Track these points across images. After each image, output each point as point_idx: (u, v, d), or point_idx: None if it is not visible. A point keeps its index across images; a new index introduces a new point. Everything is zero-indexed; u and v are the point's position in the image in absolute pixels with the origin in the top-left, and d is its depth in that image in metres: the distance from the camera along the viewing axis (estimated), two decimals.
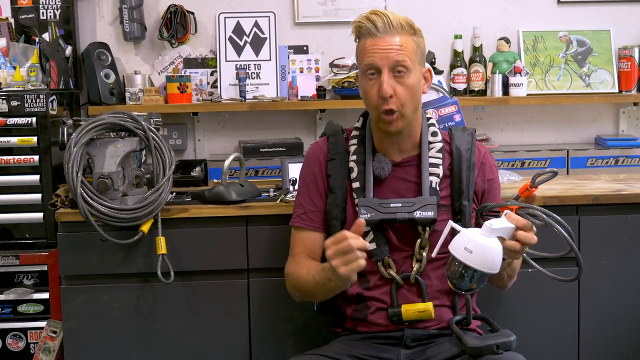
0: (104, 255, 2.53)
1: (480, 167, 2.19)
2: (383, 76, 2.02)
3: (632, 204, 2.67)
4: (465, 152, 2.17)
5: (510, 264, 2.06)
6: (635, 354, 2.71)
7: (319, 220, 2.18)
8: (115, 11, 3.33)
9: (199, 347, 2.59)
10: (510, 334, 2.01)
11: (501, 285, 2.23)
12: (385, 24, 2.03)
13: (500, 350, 1.96)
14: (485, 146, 2.32)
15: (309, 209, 2.19)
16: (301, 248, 2.19)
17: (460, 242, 1.83)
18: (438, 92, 2.83)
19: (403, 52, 2.02)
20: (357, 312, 2.17)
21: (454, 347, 2.06)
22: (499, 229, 1.81)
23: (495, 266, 1.81)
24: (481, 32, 3.39)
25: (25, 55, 3.07)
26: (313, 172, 2.21)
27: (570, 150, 3.31)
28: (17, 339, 2.77)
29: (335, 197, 2.16)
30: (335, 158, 2.18)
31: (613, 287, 2.69)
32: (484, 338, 2.02)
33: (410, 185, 2.14)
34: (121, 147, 2.50)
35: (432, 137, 2.18)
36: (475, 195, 2.17)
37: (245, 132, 3.41)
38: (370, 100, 2.07)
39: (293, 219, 2.23)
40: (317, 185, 2.20)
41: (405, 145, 2.15)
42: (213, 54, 3.38)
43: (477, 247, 1.80)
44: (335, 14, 3.36)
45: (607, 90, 3.42)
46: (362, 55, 2.07)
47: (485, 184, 2.19)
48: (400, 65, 2.02)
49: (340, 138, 2.22)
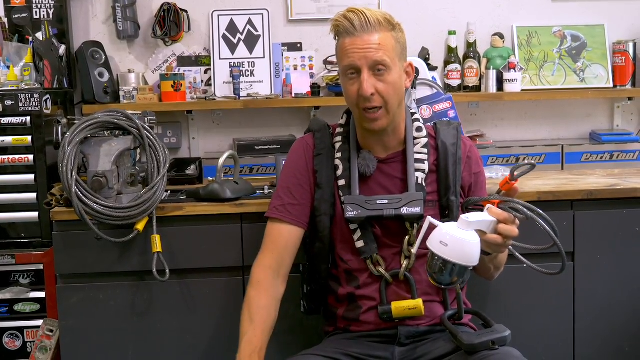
0: (100, 253, 2.53)
1: (466, 161, 2.19)
2: (363, 75, 2.01)
3: (626, 199, 2.67)
4: (451, 147, 2.15)
5: (496, 257, 2.06)
6: (630, 348, 2.71)
7: (297, 214, 2.17)
8: (108, 10, 3.32)
9: (194, 344, 2.60)
10: (505, 329, 2.01)
11: (488, 276, 2.23)
12: (363, 22, 2.00)
13: (496, 346, 1.95)
14: (470, 140, 2.32)
15: (287, 201, 2.18)
16: (273, 246, 2.17)
17: (436, 236, 1.82)
18: (432, 88, 2.83)
19: (382, 50, 2.00)
20: (349, 312, 2.18)
21: (448, 343, 2.05)
22: (476, 222, 1.81)
23: (472, 258, 1.80)
24: (475, 27, 3.39)
25: (18, 54, 3.06)
26: (297, 167, 2.20)
27: (564, 146, 3.31)
28: (13, 338, 2.77)
29: (323, 192, 2.15)
30: (322, 153, 2.18)
31: (608, 281, 2.69)
32: (479, 334, 2.01)
33: (396, 181, 2.14)
34: (115, 145, 2.49)
35: (416, 132, 2.17)
36: (462, 190, 2.17)
37: (240, 130, 3.41)
38: (352, 99, 2.06)
39: (269, 210, 2.20)
40: (300, 180, 2.19)
41: (390, 142, 2.15)
42: (207, 52, 3.37)
43: (453, 240, 1.79)
44: (328, 11, 3.35)
45: (602, 85, 3.42)
46: (341, 55, 2.06)
47: (471, 178, 2.19)
48: (379, 64, 2.01)
49: (326, 133, 2.22)
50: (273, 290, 2.15)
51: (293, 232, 2.17)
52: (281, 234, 2.17)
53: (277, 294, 2.16)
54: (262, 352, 2.04)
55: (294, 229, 2.17)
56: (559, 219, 2.61)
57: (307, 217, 2.18)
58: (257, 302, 2.11)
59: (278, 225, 2.18)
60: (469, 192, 2.18)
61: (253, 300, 2.12)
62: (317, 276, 2.25)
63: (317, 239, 2.18)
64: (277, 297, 2.16)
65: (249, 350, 2.02)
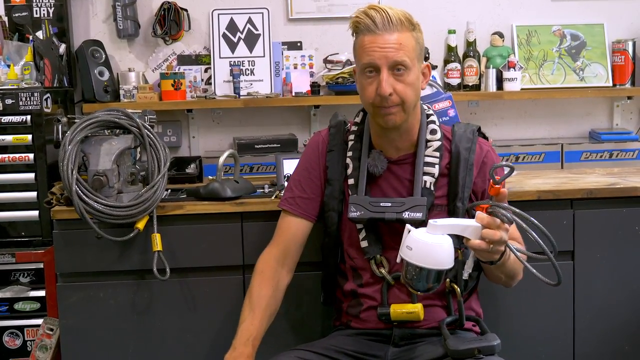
0: (100, 252, 2.53)
1: (480, 166, 2.13)
2: (382, 75, 1.97)
3: (626, 198, 2.67)
4: (464, 152, 2.10)
5: (503, 264, 1.96)
6: (630, 348, 2.71)
7: (305, 207, 2.18)
8: (108, 9, 3.32)
9: (195, 343, 2.60)
10: (495, 338, 2.00)
11: (503, 284, 2.16)
12: (385, 20, 1.98)
13: (481, 355, 1.94)
14: (489, 143, 2.24)
15: (297, 194, 2.20)
16: (280, 237, 2.20)
17: (405, 241, 1.81)
18: (432, 87, 2.83)
19: (402, 50, 1.98)
20: (351, 308, 2.19)
21: (441, 348, 2.04)
22: (446, 226, 1.80)
23: (440, 262, 1.78)
24: (475, 26, 3.39)
25: (19, 53, 3.06)
26: (310, 161, 2.21)
27: (564, 145, 3.30)
28: (14, 336, 2.77)
29: (332, 189, 2.16)
30: (334, 150, 2.18)
31: (608, 280, 2.69)
32: (468, 340, 2.00)
33: (405, 183, 2.12)
34: (116, 144, 2.49)
35: (430, 135, 2.12)
36: (475, 195, 2.12)
37: (240, 129, 3.40)
38: (368, 97, 2.03)
39: (281, 201, 2.24)
40: (311, 173, 2.20)
41: (402, 143, 2.12)
42: (207, 51, 3.37)
43: (417, 244, 1.78)
44: (328, 10, 3.35)
45: (601, 84, 3.42)
46: (360, 52, 2.02)
47: (485, 184, 2.11)
48: (399, 64, 1.98)
49: (340, 130, 2.21)
50: (276, 280, 2.16)
51: (301, 224, 2.19)
52: (289, 226, 2.20)
53: (280, 284, 2.17)
54: (256, 340, 2.06)
55: (301, 221, 2.19)
56: (559, 218, 2.62)
57: (317, 210, 2.19)
58: (258, 291, 2.13)
59: (287, 217, 2.21)
60: (482, 198, 2.12)
61: (255, 288, 2.14)
62: (326, 269, 2.27)
63: (325, 234, 2.21)
64: (279, 288, 2.17)
65: (245, 337, 2.04)
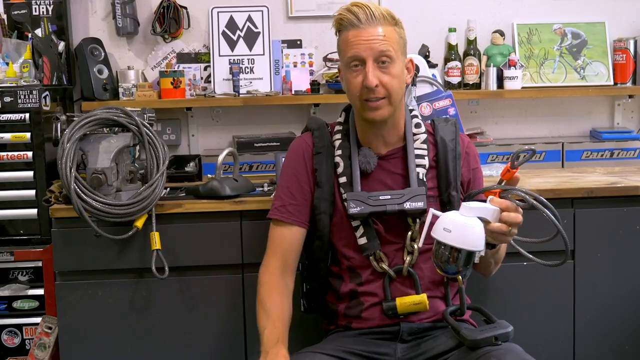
0: (99, 250, 2.53)
1: (465, 156, 2.20)
2: (368, 67, 2.02)
3: (627, 197, 2.67)
4: (450, 143, 2.17)
5: (497, 251, 2.07)
6: (630, 346, 2.71)
7: (298, 214, 2.17)
8: (107, 6, 3.31)
9: (193, 342, 2.59)
10: (508, 324, 2.02)
11: (487, 272, 2.24)
12: (368, 15, 2.03)
13: (499, 342, 1.96)
14: (467, 136, 2.34)
15: (288, 201, 2.19)
16: (277, 248, 2.18)
17: (440, 224, 1.84)
18: (432, 86, 2.83)
19: (387, 42, 2.02)
20: (350, 309, 2.17)
21: (450, 339, 2.06)
22: (478, 208, 1.83)
23: (476, 243, 1.81)
24: (475, 25, 3.39)
25: (17, 51, 3.05)
26: (296, 166, 2.21)
27: (565, 143, 3.30)
28: (12, 335, 2.76)
29: (322, 191, 2.15)
30: (322, 152, 2.18)
31: (608, 279, 2.69)
32: (481, 330, 2.02)
33: (397, 177, 2.15)
34: (115, 142, 2.49)
35: (415, 128, 2.18)
36: (462, 185, 2.18)
37: (239, 127, 3.40)
38: (354, 90, 2.06)
39: (271, 211, 2.22)
40: (299, 179, 2.19)
41: (389, 138, 2.15)
42: (206, 49, 3.36)
43: (456, 226, 1.81)
44: (328, 8, 3.34)
45: (602, 82, 3.42)
46: (345, 47, 2.06)
47: (470, 174, 2.20)
48: (384, 55, 2.02)
49: (325, 132, 2.22)
50: (282, 287, 2.15)
51: (295, 232, 2.18)
52: (284, 236, 2.18)
53: (287, 290, 2.17)
54: (285, 340, 2.05)
55: (295, 229, 2.18)
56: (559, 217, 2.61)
57: (308, 215, 2.18)
58: (269, 299, 2.12)
59: (280, 227, 2.19)
60: (467, 188, 2.19)
61: (265, 298, 2.13)
62: (316, 274, 2.24)
63: (316, 238, 2.18)
64: (287, 293, 2.17)
65: (273, 340, 2.02)
